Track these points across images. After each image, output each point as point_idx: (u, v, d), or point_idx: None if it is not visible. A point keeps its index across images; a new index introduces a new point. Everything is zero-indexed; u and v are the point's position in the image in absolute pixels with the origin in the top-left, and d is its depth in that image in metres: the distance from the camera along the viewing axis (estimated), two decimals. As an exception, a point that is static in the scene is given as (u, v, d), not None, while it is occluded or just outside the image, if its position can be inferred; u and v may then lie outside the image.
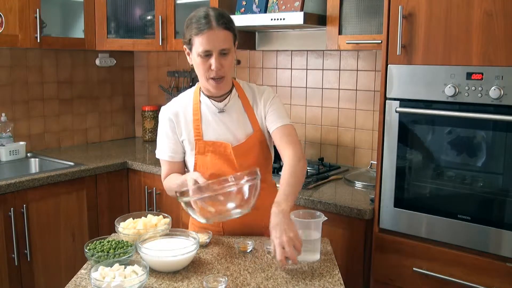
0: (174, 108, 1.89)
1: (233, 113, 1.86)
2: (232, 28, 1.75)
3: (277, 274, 1.56)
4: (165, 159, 1.91)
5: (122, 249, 1.59)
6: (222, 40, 1.71)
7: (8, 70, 3.11)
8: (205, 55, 1.73)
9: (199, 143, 1.84)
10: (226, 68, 1.75)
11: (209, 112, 1.86)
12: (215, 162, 1.84)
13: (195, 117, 1.85)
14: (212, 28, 1.70)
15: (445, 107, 1.93)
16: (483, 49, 1.82)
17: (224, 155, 1.83)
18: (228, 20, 1.74)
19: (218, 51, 1.72)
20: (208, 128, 1.85)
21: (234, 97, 1.88)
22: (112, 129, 3.79)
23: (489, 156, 1.91)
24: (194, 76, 3.56)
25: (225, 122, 1.85)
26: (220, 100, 1.86)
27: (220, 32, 1.70)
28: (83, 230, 2.88)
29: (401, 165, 2.06)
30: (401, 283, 2.09)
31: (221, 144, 1.83)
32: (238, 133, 1.85)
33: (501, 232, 1.86)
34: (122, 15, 3.29)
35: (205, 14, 1.72)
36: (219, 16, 1.72)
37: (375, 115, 2.77)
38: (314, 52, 2.98)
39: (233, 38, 1.76)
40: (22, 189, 2.56)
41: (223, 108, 1.86)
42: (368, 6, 2.41)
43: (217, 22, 1.70)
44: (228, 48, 1.73)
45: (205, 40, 1.70)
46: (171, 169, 1.92)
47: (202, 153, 1.85)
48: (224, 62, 1.74)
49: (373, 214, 2.16)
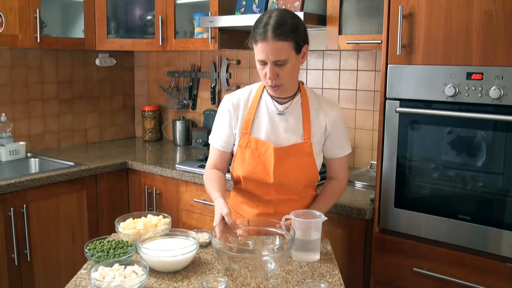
0: (235, 100, 1.90)
1: (290, 118, 1.85)
2: (292, 37, 1.70)
3: (277, 274, 1.55)
4: (215, 147, 1.94)
5: (122, 249, 1.59)
6: (276, 52, 1.69)
7: (8, 70, 3.11)
8: (261, 64, 1.75)
9: (244, 137, 1.86)
10: (282, 78, 1.74)
11: (267, 111, 1.87)
12: (252, 159, 1.84)
13: (250, 111, 1.87)
14: (266, 40, 1.68)
15: (445, 107, 1.93)
16: (483, 49, 1.82)
17: (263, 155, 1.83)
18: (287, 30, 1.69)
19: (272, 62, 1.71)
20: (259, 126, 1.86)
21: (297, 103, 1.87)
22: (112, 129, 3.79)
23: (489, 156, 1.91)
24: (194, 76, 3.56)
25: (278, 125, 1.85)
26: (282, 102, 1.86)
27: (275, 43, 1.68)
28: (83, 230, 2.88)
29: (401, 165, 2.06)
30: (401, 283, 2.09)
31: (264, 144, 1.83)
32: (286, 138, 1.84)
33: (501, 232, 1.86)
34: (122, 15, 3.29)
35: (265, 22, 1.70)
36: (277, 26, 1.68)
37: (375, 115, 2.77)
38: (314, 52, 2.98)
39: (293, 47, 1.71)
40: (22, 189, 2.56)
41: (283, 111, 1.85)
42: (368, 6, 2.41)
43: (272, 33, 1.68)
44: (283, 59, 1.70)
45: (259, 50, 1.71)
46: (219, 157, 1.95)
47: (244, 147, 1.86)
48: (280, 71, 1.73)
49: (373, 214, 2.16)
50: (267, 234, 1.71)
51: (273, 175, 1.82)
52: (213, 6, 2.88)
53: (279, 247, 1.54)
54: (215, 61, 3.45)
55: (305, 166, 1.86)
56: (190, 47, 3.13)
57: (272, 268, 1.54)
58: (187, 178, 2.73)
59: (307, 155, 1.85)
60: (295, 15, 1.78)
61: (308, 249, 1.66)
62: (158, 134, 3.79)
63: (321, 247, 1.72)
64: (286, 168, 1.82)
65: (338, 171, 1.97)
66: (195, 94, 3.61)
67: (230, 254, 1.51)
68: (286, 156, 1.83)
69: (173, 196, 2.86)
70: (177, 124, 3.55)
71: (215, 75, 3.45)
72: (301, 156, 1.84)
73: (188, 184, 2.77)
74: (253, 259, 1.54)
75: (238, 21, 2.67)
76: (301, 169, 1.85)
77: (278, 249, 1.53)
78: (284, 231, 1.66)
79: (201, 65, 3.56)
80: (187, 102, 3.65)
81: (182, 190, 2.81)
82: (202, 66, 3.55)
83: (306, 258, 1.66)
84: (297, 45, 1.73)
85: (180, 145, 3.56)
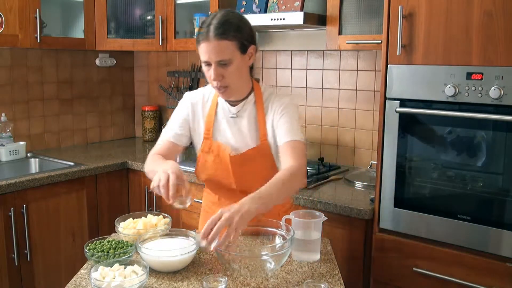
0: (196, 98, 1.88)
1: (245, 120, 1.81)
2: (235, 36, 1.65)
3: (277, 274, 1.55)
4: (168, 138, 1.86)
5: (122, 249, 1.59)
6: (218, 51, 1.64)
7: (8, 70, 3.11)
8: (206, 65, 1.70)
9: (206, 142, 1.84)
10: (228, 79, 1.68)
11: (224, 114, 1.83)
12: (214, 165, 1.83)
13: (209, 114, 1.84)
14: (208, 39, 1.64)
15: (445, 107, 1.93)
16: (483, 49, 1.82)
17: (223, 161, 1.81)
18: (230, 29, 1.64)
19: (216, 62, 1.66)
20: (219, 130, 1.83)
21: (250, 103, 1.81)
22: (112, 129, 3.79)
23: (489, 156, 1.91)
24: (194, 76, 3.56)
25: (235, 128, 1.82)
26: (235, 105, 1.82)
27: (217, 43, 1.63)
28: (83, 230, 2.88)
29: (401, 165, 2.06)
30: (401, 283, 2.09)
31: (224, 150, 1.80)
32: (244, 142, 1.81)
33: (501, 232, 1.86)
34: (122, 15, 3.29)
35: (208, 23, 1.65)
36: (220, 26, 1.63)
37: (375, 115, 2.77)
38: (314, 52, 2.98)
39: (237, 46, 1.66)
40: (22, 189, 2.55)
41: (236, 114, 1.81)
42: (368, 6, 2.41)
43: (214, 32, 1.63)
44: (227, 59, 1.65)
45: (202, 50, 1.67)
46: (167, 149, 1.84)
47: (206, 152, 1.84)
48: (225, 72, 1.67)
49: (373, 214, 2.16)
50: (266, 234, 1.71)
51: (235, 181, 1.81)
52: (213, 6, 2.88)
53: (278, 247, 1.54)
54: (215, 61, 3.44)
55: (265, 168, 1.80)
56: (190, 47, 3.13)
57: (271, 268, 1.54)
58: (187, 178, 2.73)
59: (265, 157, 1.80)
60: (241, 16, 1.74)
61: (308, 249, 1.66)
62: (158, 134, 3.76)
63: (321, 247, 1.72)
64: (246, 173, 1.79)
65: (284, 158, 1.70)
66: (195, 94, 3.60)
67: (230, 254, 1.51)
68: (244, 163, 1.79)
69: (173, 196, 2.86)
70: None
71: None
72: (259, 158, 1.79)
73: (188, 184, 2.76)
74: (253, 259, 1.54)
75: (238, 21, 2.66)
76: (263, 171, 1.76)
77: (277, 249, 1.53)
78: (283, 231, 1.66)
79: (201, 65, 3.55)
80: (187, 102, 3.64)
81: (182, 190, 2.80)
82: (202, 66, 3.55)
83: (306, 258, 1.66)
84: (242, 44, 1.67)
85: (180, 145, 3.56)
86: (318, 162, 2.85)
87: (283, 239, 1.63)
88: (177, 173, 1.55)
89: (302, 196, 2.31)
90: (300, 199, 2.31)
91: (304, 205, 2.30)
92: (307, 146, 1.77)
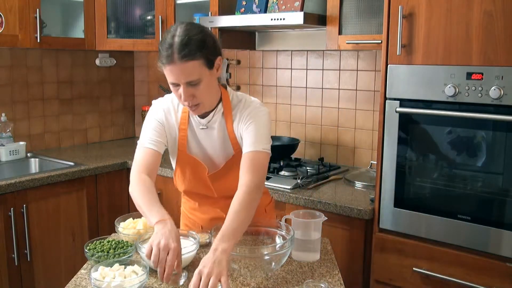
0: (167, 105, 1.79)
1: (215, 130, 1.76)
2: (200, 55, 1.56)
3: (277, 274, 1.55)
4: (148, 146, 1.73)
5: (122, 249, 1.59)
6: (187, 73, 1.57)
7: (8, 70, 3.11)
8: (174, 86, 1.62)
9: (182, 155, 1.79)
10: (199, 97, 1.62)
11: (195, 126, 1.78)
12: (192, 177, 1.82)
13: (182, 127, 1.77)
14: (173, 62, 1.55)
15: (445, 107, 1.93)
16: (483, 49, 1.82)
17: (202, 177, 1.79)
18: (194, 49, 1.55)
19: (185, 84, 1.59)
20: (193, 142, 1.79)
21: (219, 113, 1.75)
22: (112, 129, 3.79)
23: (489, 156, 1.91)
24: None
25: (207, 140, 1.78)
26: (204, 116, 1.75)
27: (183, 65, 1.55)
28: (83, 230, 2.88)
29: (401, 165, 2.06)
30: (401, 283, 2.09)
31: (199, 166, 1.77)
32: (219, 153, 1.78)
33: (501, 232, 1.86)
34: (122, 15, 3.29)
35: (169, 44, 1.55)
36: (182, 47, 1.54)
37: (375, 115, 2.77)
38: (314, 52, 2.98)
39: (204, 63, 1.58)
40: (22, 189, 2.55)
41: (206, 125, 1.76)
42: (368, 6, 2.41)
43: (179, 55, 1.54)
44: (195, 79, 1.58)
45: (169, 73, 1.59)
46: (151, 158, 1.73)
47: (182, 166, 1.81)
48: (196, 91, 1.61)
49: (373, 214, 2.16)
50: (267, 234, 1.71)
51: (215, 192, 1.82)
52: (213, 6, 2.88)
53: (278, 247, 1.54)
54: (215, 61, 3.44)
55: None
56: (190, 47, 3.12)
57: (271, 268, 1.54)
58: (187, 178, 2.73)
59: None
60: (202, 28, 1.64)
61: (308, 249, 1.66)
62: (158, 134, 3.78)
63: (321, 247, 1.72)
64: (226, 184, 1.78)
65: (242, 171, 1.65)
66: (195, 94, 3.60)
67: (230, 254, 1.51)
68: (222, 176, 1.78)
69: (173, 196, 2.86)
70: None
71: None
72: (236, 167, 1.70)
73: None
74: (253, 259, 1.54)
75: (238, 21, 2.67)
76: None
77: (277, 249, 1.53)
78: (283, 231, 1.66)
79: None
80: (187, 102, 3.64)
81: (182, 190, 2.80)
82: (202, 66, 3.55)
83: (306, 258, 1.66)
84: (208, 60, 1.60)
85: (180, 145, 3.56)
86: (318, 162, 2.85)
87: (283, 239, 1.64)
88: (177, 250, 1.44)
89: (302, 196, 2.31)
90: (300, 199, 2.31)
91: (304, 205, 2.30)
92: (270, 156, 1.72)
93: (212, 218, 1.86)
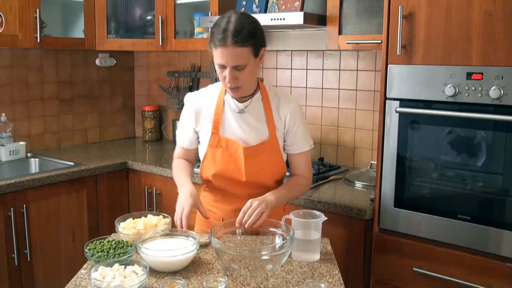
0: (199, 98, 1.95)
1: (252, 115, 1.89)
2: (251, 43, 1.73)
3: (277, 274, 1.56)
4: (182, 146, 2.01)
5: (122, 249, 1.59)
6: (236, 57, 1.72)
7: (8, 70, 3.11)
8: (220, 67, 1.77)
9: (214, 137, 1.89)
10: (241, 81, 1.78)
11: (230, 111, 1.90)
12: (223, 158, 1.88)
13: (217, 111, 1.90)
14: (226, 46, 1.70)
15: (445, 107, 1.93)
16: (483, 49, 1.82)
17: (234, 154, 1.86)
18: (246, 36, 1.72)
19: (232, 67, 1.74)
20: (226, 126, 1.89)
21: (257, 100, 1.90)
22: (112, 129, 3.79)
23: (489, 156, 1.91)
24: (194, 76, 3.56)
25: (243, 123, 1.89)
26: (242, 101, 1.89)
27: (234, 50, 1.71)
28: (83, 230, 2.88)
29: (401, 165, 2.06)
30: (401, 283, 2.09)
31: (234, 143, 1.87)
32: (253, 136, 1.88)
33: (501, 232, 1.86)
34: (122, 15, 3.29)
35: (224, 29, 1.71)
36: (236, 33, 1.70)
37: (375, 115, 2.77)
38: (314, 52, 2.98)
39: (251, 52, 1.74)
40: (22, 189, 2.56)
41: (243, 109, 1.89)
42: (368, 6, 2.41)
43: (232, 40, 1.70)
44: (242, 64, 1.74)
45: (219, 55, 1.74)
46: (186, 153, 2.03)
47: (214, 146, 1.89)
48: (239, 75, 1.76)
49: (373, 214, 2.16)
50: (266, 233, 1.72)
51: (245, 173, 1.86)
52: (213, 6, 2.88)
53: (278, 247, 1.54)
54: (215, 61, 3.44)
55: (275, 162, 1.91)
56: (190, 47, 3.13)
57: (271, 268, 1.54)
58: (187, 178, 2.73)
59: (275, 151, 1.90)
60: (254, 19, 1.80)
61: (308, 249, 1.66)
62: (158, 134, 3.79)
63: (321, 247, 1.72)
64: (257, 166, 1.86)
65: (300, 167, 1.96)
66: (195, 94, 3.61)
67: (230, 254, 1.51)
68: (256, 155, 1.86)
69: (173, 196, 2.84)
70: (177, 124, 3.54)
71: (215, 75, 3.43)
72: (270, 152, 1.88)
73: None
74: (252, 259, 1.54)
75: (238, 21, 2.66)
76: (271, 165, 1.90)
77: (277, 249, 1.53)
78: (283, 231, 1.66)
79: (201, 65, 3.56)
80: (187, 102, 3.64)
81: (182, 190, 2.80)
82: (202, 66, 3.55)
83: (306, 258, 1.66)
84: (255, 49, 1.76)
85: (180, 145, 3.56)
86: (318, 162, 2.85)
87: (283, 239, 1.64)
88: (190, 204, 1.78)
89: (302, 196, 2.31)
90: (300, 199, 2.31)
91: (304, 205, 2.30)
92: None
93: (235, 209, 1.87)
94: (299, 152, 1.94)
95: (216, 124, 1.89)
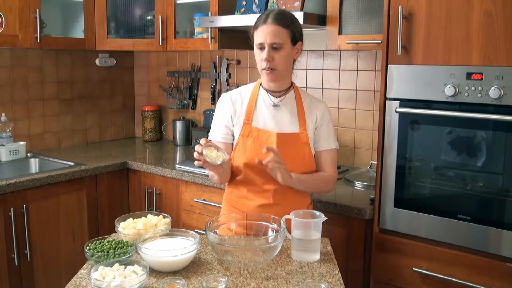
0: (234, 95, 2.02)
1: (286, 110, 1.97)
2: (290, 27, 1.86)
3: (277, 274, 1.56)
4: (217, 139, 2.01)
5: (122, 249, 1.59)
6: (274, 34, 1.83)
7: (8, 70, 3.11)
8: (259, 48, 1.87)
9: (246, 127, 1.95)
10: (276, 61, 1.86)
11: (264, 104, 1.97)
12: (254, 147, 1.92)
13: (250, 104, 1.98)
14: (266, 23, 1.84)
15: (445, 107, 1.93)
16: (483, 49, 1.82)
17: (265, 143, 1.90)
18: (287, 19, 1.86)
19: (269, 45, 1.84)
20: (259, 117, 1.96)
21: (291, 97, 1.99)
22: (112, 129, 3.79)
23: (489, 156, 1.91)
24: (194, 76, 3.56)
25: (275, 116, 1.95)
26: (277, 96, 1.98)
27: (273, 27, 1.83)
28: (83, 230, 2.88)
29: (401, 165, 2.06)
30: (401, 283, 2.09)
31: (265, 132, 1.93)
32: (285, 129, 1.94)
33: (501, 232, 1.86)
34: (122, 15, 3.29)
35: (267, 13, 1.87)
36: (278, 15, 1.86)
37: (375, 115, 2.77)
38: (314, 52, 2.98)
39: (289, 36, 1.86)
40: (22, 189, 2.56)
41: (277, 103, 1.97)
42: (368, 6, 2.41)
43: (273, 18, 1.84)
44: (279, 42, 1.84)
45: (259, 33, 1.86)
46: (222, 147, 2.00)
47: (245, 136, 1.94)
48: (275, 55, 1.86)
49: (373, 214, 2.16)
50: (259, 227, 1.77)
51: None
52: (213, 6, 2.88)
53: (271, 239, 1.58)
54: (215, 61, 3.45)
55: (304, 155, 1.94)
56: (190, 47, 3.13)
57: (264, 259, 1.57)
58: (187, 178, 2.73)
59: (305, 145, 1.94)
60: (295, 16, 1.95)
61: (308, 249, 1.67)
62: (158, 134, 3.79)
63: (321, 247, 1.72)
64: (287, 155, 1.86)
65: (325, 165, 2.00)
66: (195, 94, 3.61)
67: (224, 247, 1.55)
68: (287, 143, 1.91)
69: (173, 196, 2.86)
70: (177, 124, 3.55)
71: (215, 75, 3.45)
72: (300, 145, 1.94)
73: (188, 184, 2.77)
74: (245, 250, 1.57)
75: (238, 21, 2.67)
76: (300, 157, 1.94)
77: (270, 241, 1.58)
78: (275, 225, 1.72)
79: (201, 65, 3.56)
80: (187, 102, 3.65)
81: (182, 190, 2.81)
82: (202, 66, 3.55)
83: (306, 258, 1.66)
84: (293, 36, 1.88)
85: (180, 145, 3.56)
86: (318, 162, 2.85)
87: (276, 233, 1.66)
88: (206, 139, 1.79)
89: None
90: (300, 199, 2.31)
91: (304, 205, 2.30)
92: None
93: (260, 205, 1.92)
94: (325, 149, 1.99)
95: (248, 115, 1.96)
